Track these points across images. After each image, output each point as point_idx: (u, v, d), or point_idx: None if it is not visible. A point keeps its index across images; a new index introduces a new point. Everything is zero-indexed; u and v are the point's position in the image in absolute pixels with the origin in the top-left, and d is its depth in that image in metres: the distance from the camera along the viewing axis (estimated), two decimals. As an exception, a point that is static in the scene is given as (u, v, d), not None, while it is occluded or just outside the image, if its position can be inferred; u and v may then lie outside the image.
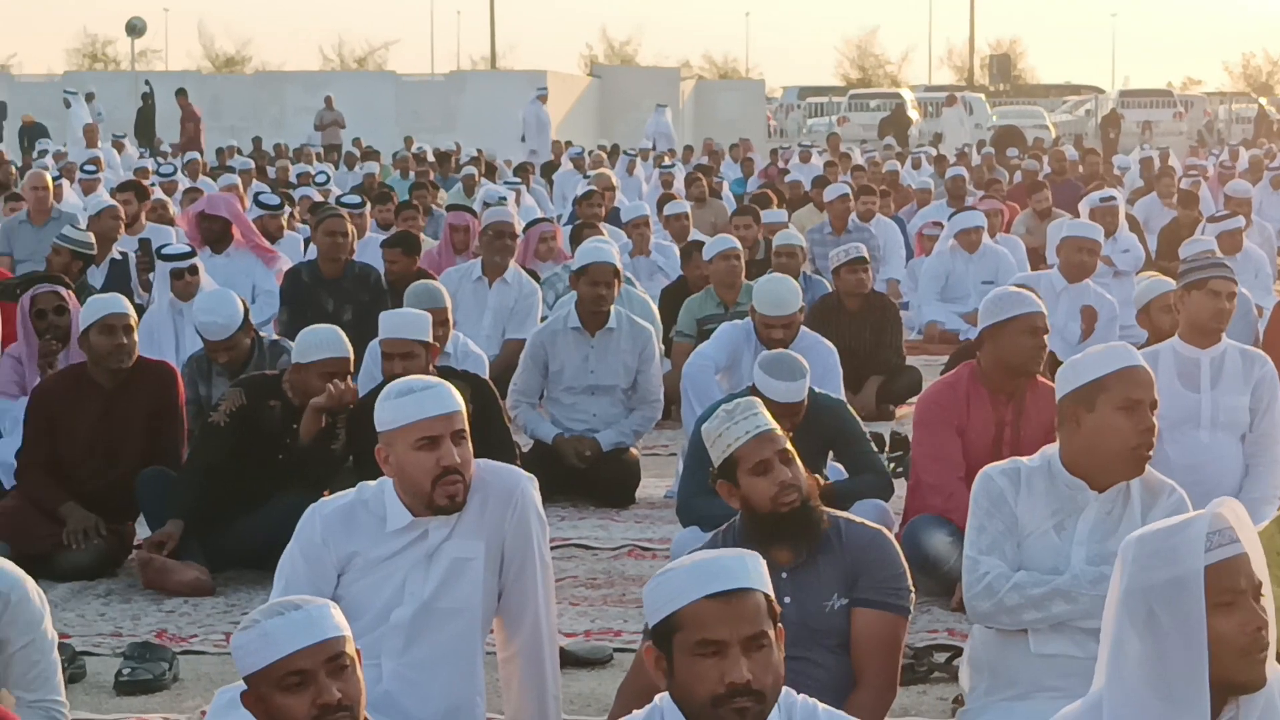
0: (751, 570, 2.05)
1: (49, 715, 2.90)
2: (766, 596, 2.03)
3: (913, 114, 32.22)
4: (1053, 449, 3.11)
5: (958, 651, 3.65)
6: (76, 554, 4.80)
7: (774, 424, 3.11)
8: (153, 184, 13.05)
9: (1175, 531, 1.95)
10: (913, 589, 3.15)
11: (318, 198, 13.14)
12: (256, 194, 11.63)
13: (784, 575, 2.87)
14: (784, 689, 2.05)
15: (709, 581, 1.99)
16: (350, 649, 2.11)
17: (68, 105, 21.97)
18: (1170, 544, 1.93)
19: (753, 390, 4.19)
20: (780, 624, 2.05)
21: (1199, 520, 1.94)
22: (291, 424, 4.80)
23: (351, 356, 4.88)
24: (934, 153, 21.63)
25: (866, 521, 3.27)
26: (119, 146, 20.40)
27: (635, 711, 2.15)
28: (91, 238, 7.68)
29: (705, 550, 2.39)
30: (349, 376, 4.77)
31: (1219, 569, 1.90)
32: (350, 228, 7.70)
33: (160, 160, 19.15)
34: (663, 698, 2.09)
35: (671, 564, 2.17)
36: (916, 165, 19.40)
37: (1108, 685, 1.99)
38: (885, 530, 3.32)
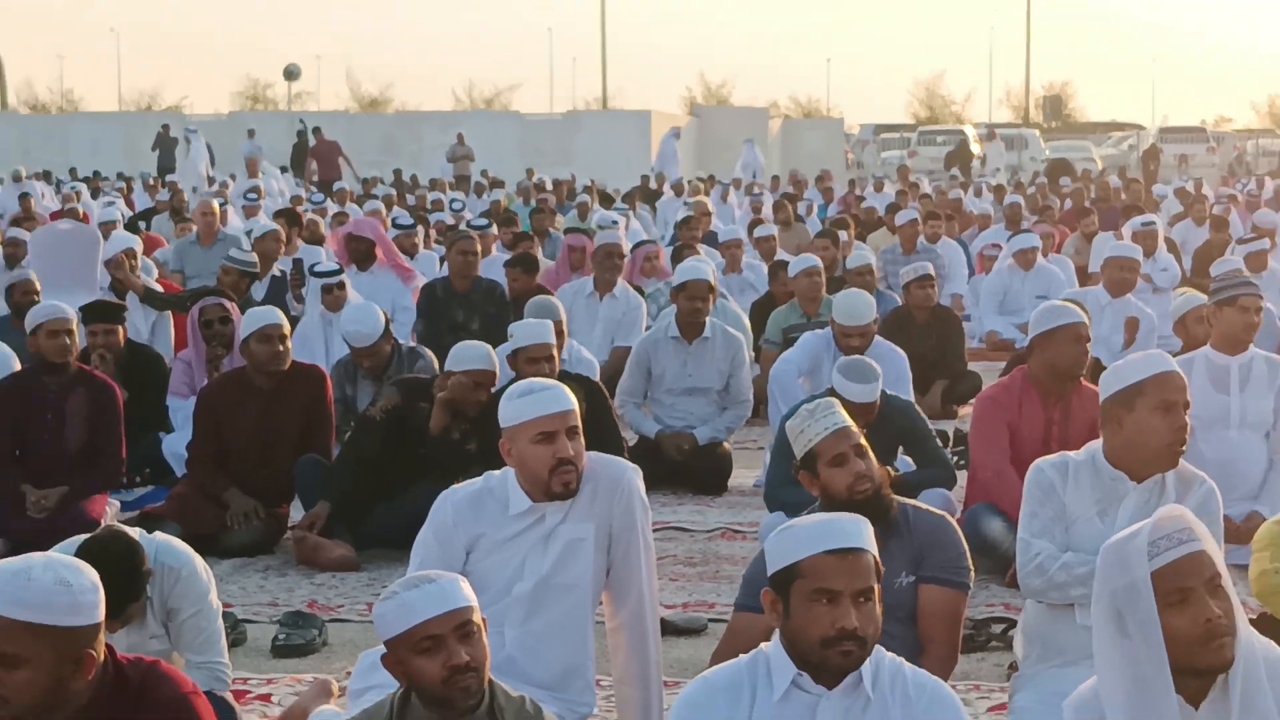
0: (865, 534, 2.09)
1: (214, 675, 2.94)
2: (874, 558, 2.08)
3: (975, 148, 31.86)
4: (1096, 444, 3.08)
5: (1012, 624, 3.59)
6: (238, 534, 4.83)
7: (850, 422, 3.09)
8: (305, 210, 13.21)
9: (1125, 542, 1.95)
10: (972, 568, 3.13)
11: (450, 221, 13.41)
12: (394, 218, 11.82)
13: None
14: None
15: (830, 539, 2.04)
16: (477, 618, 2.13)
17: (187, 142, 21.80)
18: (1122, 554, 1.94)
19: (831, 392, 4.16)
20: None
21: (1142, 531, 1.94)
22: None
23: (498, 369, 4.80)
24: (994, 182, 21.59)
25: (932, 508, 3.25)
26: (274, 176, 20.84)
27: (740, 656, 2.17)
28: (255, 258, 7.77)
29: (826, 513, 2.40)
30: (492, 386, 4.70)
31: (1164, 572, 1.89)
32: (478, 248, 7.78)
33: (312, 189, 19.53)
34: (768, 646, 2.11)
35: (795, 520, 2.21)
36: (978, 193, 19.24)
37: (1098, 674, 2.00)
38: (948, 516, 3.29)
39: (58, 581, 1.85)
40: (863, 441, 3.06)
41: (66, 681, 1.88)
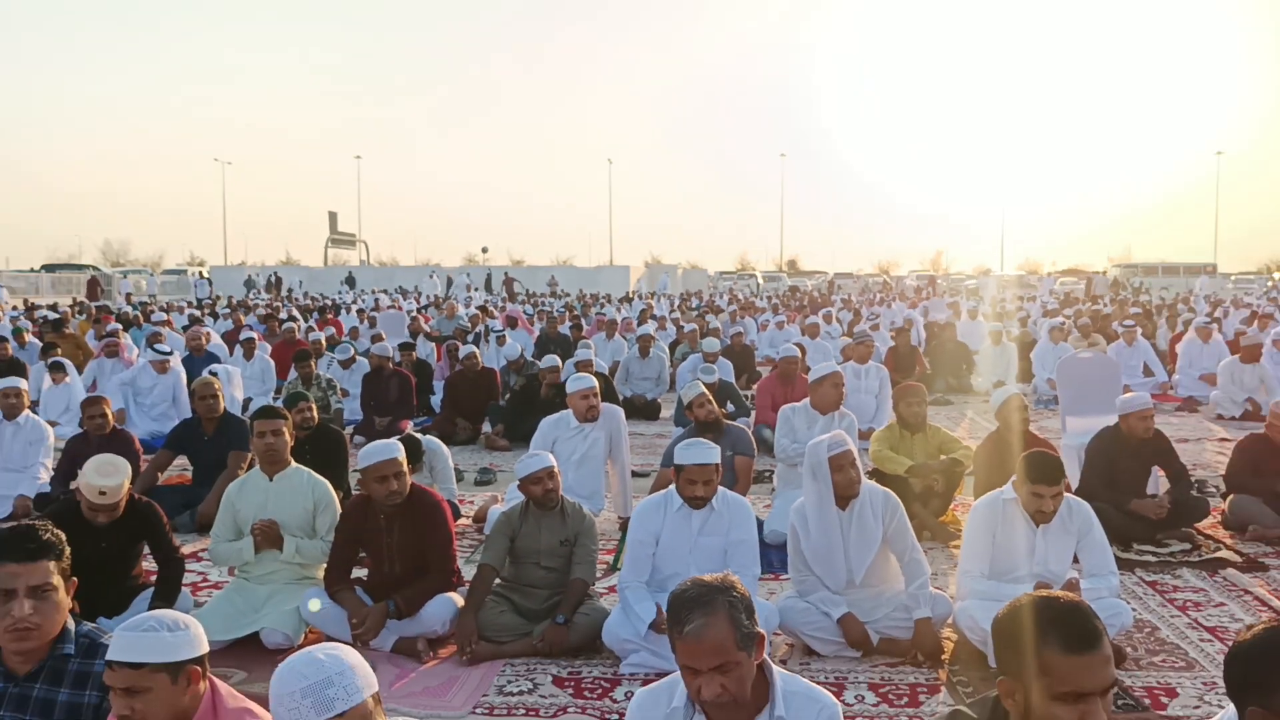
0: (713, 453, 6.58)
1: (451, 494, 7.26)
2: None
3: (759, 280, 42.49)
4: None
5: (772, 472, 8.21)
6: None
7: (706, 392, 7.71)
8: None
9: (820, 443, 6.16)
10: (755, 448, 7.82)
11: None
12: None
13: None
14: None
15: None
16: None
17: None
18: (818, 448, 6.05)
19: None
20: None
21: (826, 439, 6.24)
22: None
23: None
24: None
25: (738, 425, 7.93)
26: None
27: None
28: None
29: None
30: None
31: (834, 459, 5.65)
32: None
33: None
34: None
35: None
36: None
37: (804, 495, 6.51)
38: (744, 426, 7.92)
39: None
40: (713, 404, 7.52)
41: None
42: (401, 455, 5.30)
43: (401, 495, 5.27)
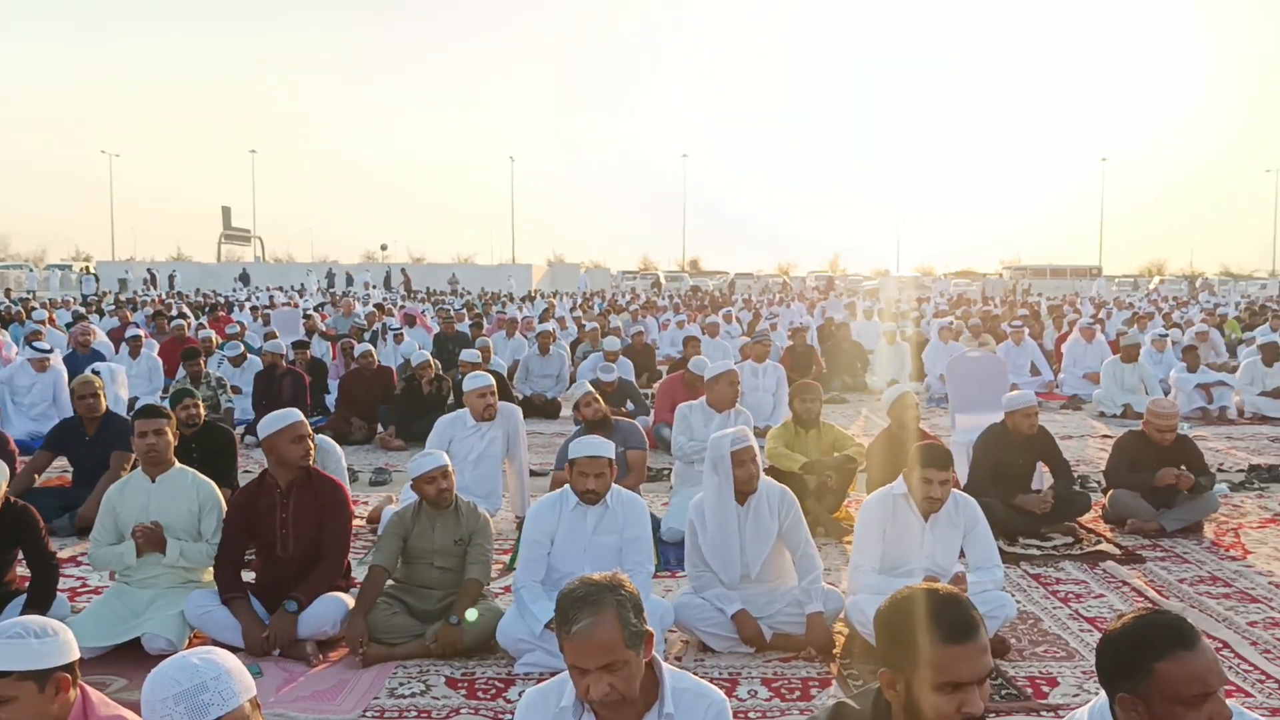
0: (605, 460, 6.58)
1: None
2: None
3: (663, 280, 43.27)
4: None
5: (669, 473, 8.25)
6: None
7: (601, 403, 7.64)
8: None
9: (722, 438, 6.25)
10: (647, 442, 7.77)
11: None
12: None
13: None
14: None
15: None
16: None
17: None
18: (720, 443, 5.79)
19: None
20: None
21: (729, 434, 6.32)
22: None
23: None
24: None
25: (630, 420, 7.93)
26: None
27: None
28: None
29: None
30: None
31: (736, 453, 5.02)
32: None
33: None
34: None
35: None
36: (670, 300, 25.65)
37: (704, 490, 6.57)
38: (636, 424, 7.90)
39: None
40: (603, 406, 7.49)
41: None
42: (300, 418, 5.33)
43: (310, 458, 5.31)
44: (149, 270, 50.05)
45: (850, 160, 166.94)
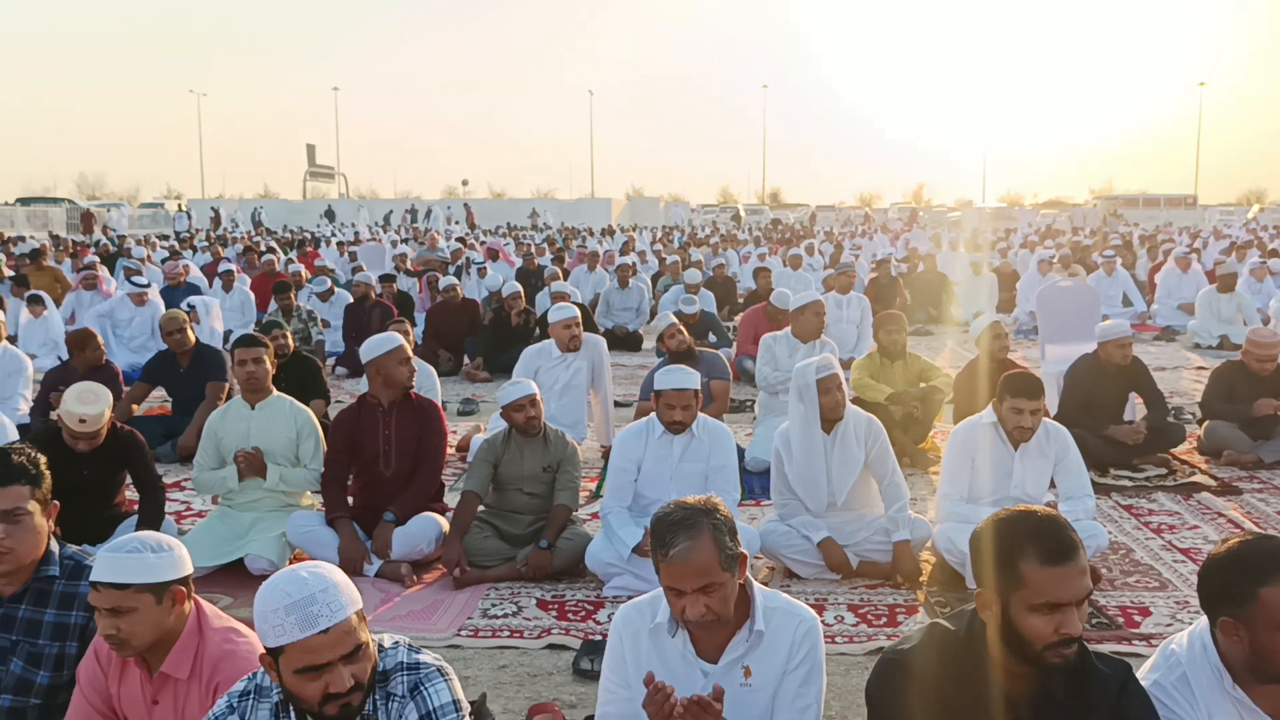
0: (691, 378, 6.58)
1: None
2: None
3: (742, 213, 42.93)
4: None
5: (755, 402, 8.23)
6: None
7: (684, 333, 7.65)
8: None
9: (807, 366, 6.31)
10: (731, 373, 7.76)
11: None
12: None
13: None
14: None
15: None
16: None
17: None
18: (805, 370, 5.83)
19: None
20: None
21: (814, 362, 6.35)
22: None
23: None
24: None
25: (712, 349, 7.95)
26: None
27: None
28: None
29: None
30: None
31: (822, 381, 5.20)
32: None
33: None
34: None
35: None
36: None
37: (790, 420, 6.56)
38: (719, 353, 7.91)
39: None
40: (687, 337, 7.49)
41: None
42: (402, 341, 5.58)
43: (414, 378, 5.60)
44: (212, 209, 50.70)
45: (935, 89, 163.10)
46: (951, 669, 2.25)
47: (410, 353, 5.66)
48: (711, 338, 11.25)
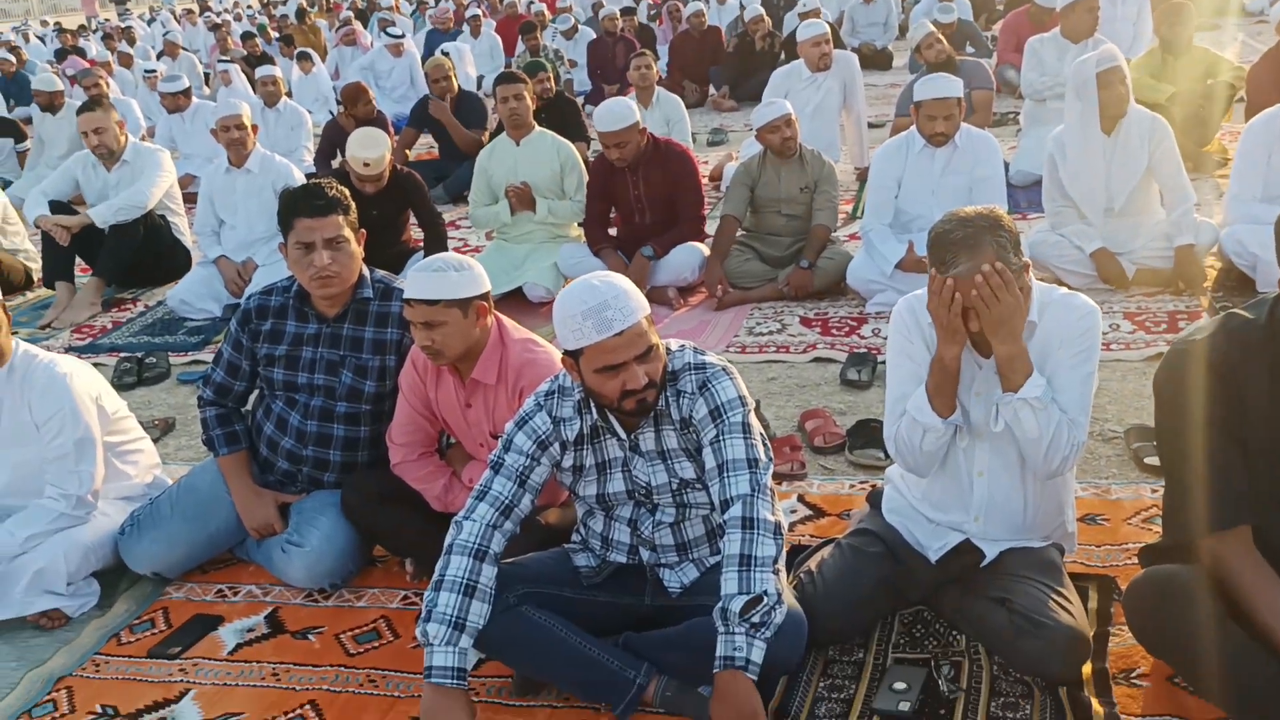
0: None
1: None
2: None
3: None
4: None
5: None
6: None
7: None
8: None
9: (1085, 61, 5.71)
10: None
11: None
12: None
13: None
14: None
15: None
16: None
17: None
18: (1083, 66, 5.16)
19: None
20: None
21: (1093, 57, 5.81)
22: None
23: None
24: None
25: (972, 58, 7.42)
26: None
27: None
28: None
29: None
30: None
31: (1101, 75, 4.69)
32: None
33: None
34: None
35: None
36: None
37: (1066, 118, 6.27)
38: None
39: None
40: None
41: None
42: (635, 118, 5.36)
43: (628, 155, 5.38)
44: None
45: None
46: (1250, 357, 2.18)
47: (637, 128, 5.35)
48: (970, 48, 10.61)
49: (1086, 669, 2.46)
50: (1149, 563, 2.43)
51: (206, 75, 14.34)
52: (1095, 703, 2.36)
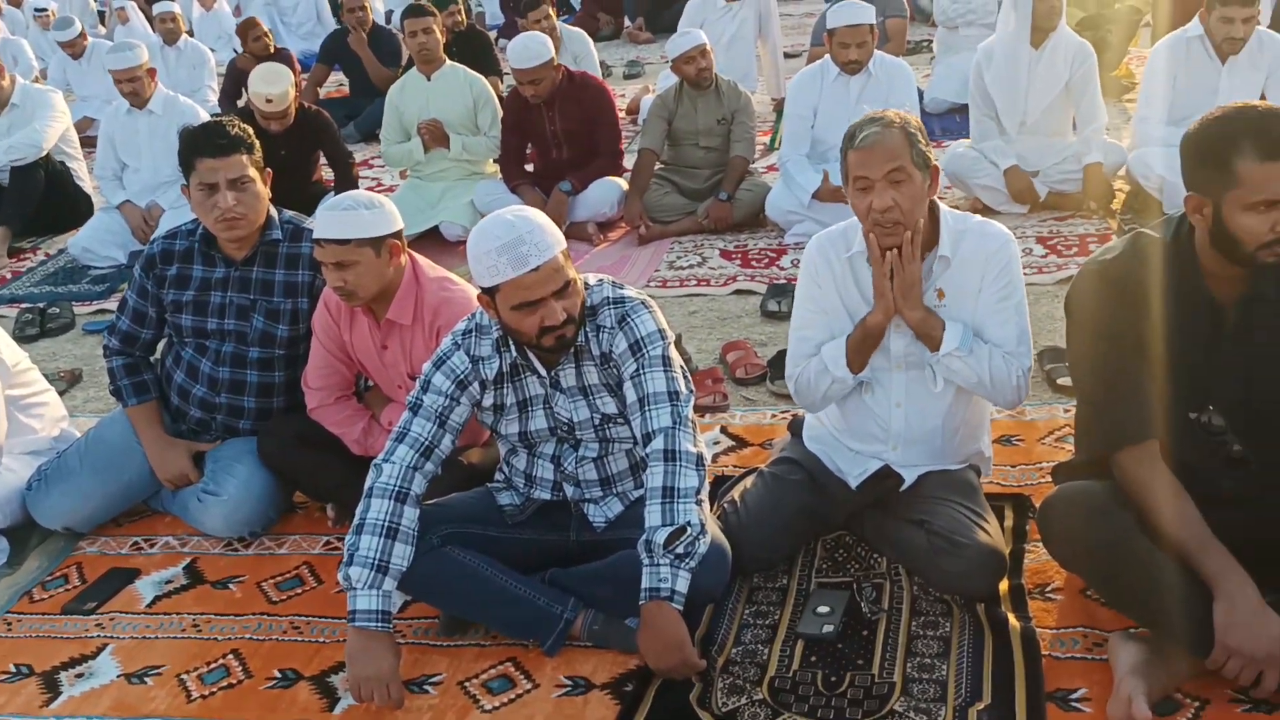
0: None
1: None
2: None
3: None
4: None
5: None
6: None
7: None
8: None
9: None
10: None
11: None
12: None
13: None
14: None
15: None
16: None
17: None
18: None
19: None
20: None
21: None
22: None
23: None
24: None
25: None
26: None
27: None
28: None
29: None
30: None
31: None
32: None
33: None
34: None
35: None
36: None
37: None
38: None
39: None
40: None
41: None
42: (550, 54, 5.27)
43: (543, 91, 5.29)
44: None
45: None
46: (1158, 275, 2.22)
47: (553, 63, 5.29)
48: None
49: (1003, 585, 2.51)
50: (1062, 480, 2.48)
51: (101, 13, 13.75)
52: (1012, 617, 2.41)
